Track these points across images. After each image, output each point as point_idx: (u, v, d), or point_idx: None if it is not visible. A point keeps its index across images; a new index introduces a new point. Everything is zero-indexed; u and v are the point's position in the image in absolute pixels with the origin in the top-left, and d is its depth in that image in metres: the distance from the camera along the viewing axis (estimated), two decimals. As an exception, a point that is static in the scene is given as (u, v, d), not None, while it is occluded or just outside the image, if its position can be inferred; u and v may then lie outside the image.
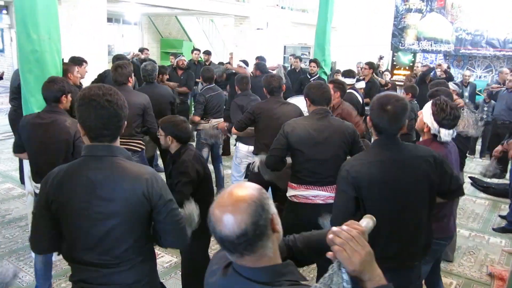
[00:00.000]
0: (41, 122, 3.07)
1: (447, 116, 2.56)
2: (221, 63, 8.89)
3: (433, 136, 2.66)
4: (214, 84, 5.51)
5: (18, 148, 3.28)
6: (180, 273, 3.35)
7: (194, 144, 4.90)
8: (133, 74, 4.29)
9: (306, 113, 4.10)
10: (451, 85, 6.87)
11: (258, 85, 5.12)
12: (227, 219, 1.16)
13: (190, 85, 7.79)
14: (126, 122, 1.80)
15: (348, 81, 5.39)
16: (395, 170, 2.12)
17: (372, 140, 2.30)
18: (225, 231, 1.16)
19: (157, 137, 3.17)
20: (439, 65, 8.34)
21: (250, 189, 1.23)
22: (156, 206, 1.74)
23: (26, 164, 3.83)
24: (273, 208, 1.23)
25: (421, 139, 2.84)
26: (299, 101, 4.21)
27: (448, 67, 9.23)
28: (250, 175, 3.93)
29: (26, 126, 3.14)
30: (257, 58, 8.52)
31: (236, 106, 4.79)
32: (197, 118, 5.31)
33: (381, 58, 11.44)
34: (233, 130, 4.20)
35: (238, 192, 1.21)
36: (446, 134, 2.59)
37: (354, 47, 13.45)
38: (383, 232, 1.98)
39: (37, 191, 3.11)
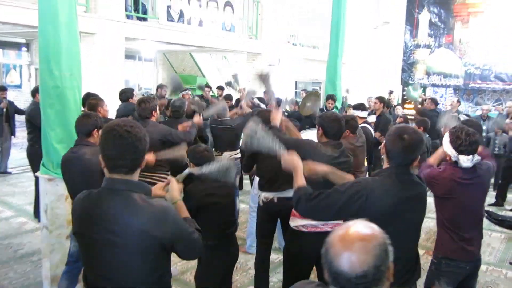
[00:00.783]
0: (69, 156, 3.20)
1: (463, 142, 2.65)
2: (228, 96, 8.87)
3: (455, 163, 2.74)
4: (228, 118, 5.50)
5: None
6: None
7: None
8: (157, 108, 4.33)
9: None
10: (461, 116, 6.94)
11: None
12: (350, 257, 1.13)
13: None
14: (145, 158, 1.84)
15: (361, 114, 5.45)
16: (404, 199, 2.16)
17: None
18: (344, 267, 1.13)
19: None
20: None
21: (376, 230, 1.21)
22: (168, 241, 1.78)
23: (43, 195, 3.91)
24: (391, 255, 1.20)
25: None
26: (312, 135, 4.24)
27: (458, 101, 9.29)
28: (258, 208, 3.94)
29: (62, 163, 3.29)
30: (265, 93, 8.55)
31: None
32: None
33: (391, 92, 11.56)
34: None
35: (364, 230, 1.19)
36: (465, 160, 2.67)
37: (364, 82, 13.62)
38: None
39: None
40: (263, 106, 6.93)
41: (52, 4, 3.58)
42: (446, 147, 2.76)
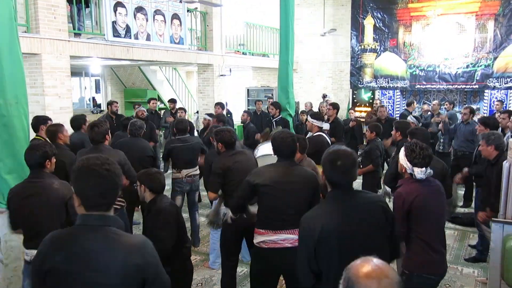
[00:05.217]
0: (28, 192, 3.02)
1: (417, 155, 2.84)
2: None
3: (411, 175, 2.90)
4: (188, 135, 5.51)
5: (15, 225, 3.20)
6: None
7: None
8: (109, 131, 4.33)
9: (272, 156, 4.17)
10: (410, 118, 7.24)
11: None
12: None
13: (154, 137, 7.76)
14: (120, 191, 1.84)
15: (317, 123, 5.51)
16: (348, 218, 2.25)
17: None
18: None
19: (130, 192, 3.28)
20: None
21: (392, 268, 1.41)
22: (148, 277, 1.74)
23: (0, 230, 3.71)
24: None
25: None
26: (267, 147, 4.25)
27: (408, 104, 9.67)
28: (223, 225, 3.91)
29: (13, 198, 3.10)
30: (217, 104, 8.57)
31: (208, 161, 4.67)
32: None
33: (324, 96, 11.96)
34: (210, 195, 3.93)
35: (386, 269, 1.38)
36: (419, 172, 2.85)
37: (315, 86, 13.93)
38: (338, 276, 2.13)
39: (26, 257, 3.08)
40: (209, 118, 6.99)
41: (-9, 30, 3.42)
42: (402, 160, 2.94)
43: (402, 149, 2.98)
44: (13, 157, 3.54)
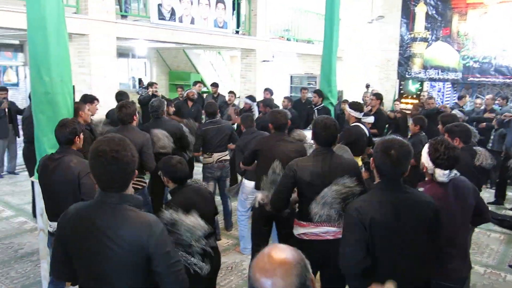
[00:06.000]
0: (49, 164, 3.18)
1: (440, 155, 2.56)
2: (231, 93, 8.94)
3: (432, 176, 2.67)
4: (218, 118, 5.55)
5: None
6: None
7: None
8: (137, 112, 4.39)
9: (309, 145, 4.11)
10: (456, 112, 6.87)
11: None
12: (276, 284, 1.15)
13: (200, 118, 7.89)
14: (136, 172, 1.88)
15: (356, 114, 5.26)
16: (397, 211, 2.18)
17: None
18: None
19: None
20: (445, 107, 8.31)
21: (289, 250, 1.24)
22: (154, 257, 1.79)
23: (39, 200, 3.90)
24: (309, 266, 1.24)
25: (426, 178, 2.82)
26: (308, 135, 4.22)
27: (460, 97, 9.24)
28: (254, 210, 3.92)
29: (39, 168, 3.29)
30: (266, 90, 8.62)
31: (239, 148, 4.80)
32: (196, 153, 5.39)
33: (368, 86, 11.49)
34: (240, 165, 4.18)
35: (280, 255, 1.22)
36: (440, 174, 2.59)
37: (360, 77, 13.57)
38: (385, 269, 2.15)
39: (50, 229, 3.25)
40: (253, 104, 6.94)
41: (40, 11, 3.54)
42: (424, 158, 2.69)
43: (426, 145, 2.74)
44: (57, 132, 3.66)
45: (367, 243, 2.18)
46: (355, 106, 5.30)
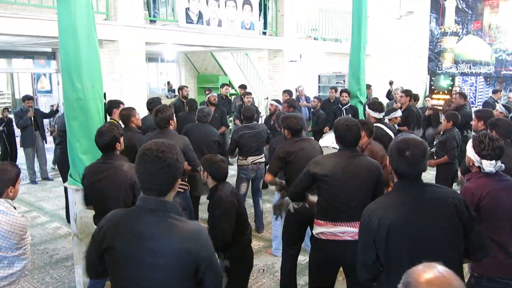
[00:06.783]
0: (100, 172, 3.24)
1: (486, 146, 2.61)
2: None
3: (479, 169, 2.68)
4: (254, 122, 5.60)
5: (88, 202, 3.47)
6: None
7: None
8: (174, 116, 4.42)
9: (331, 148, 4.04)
10: (498, 107, 6.64)
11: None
12: None
13: (226, 121, 7.92)
14: (179, 180, 1.85)
15: (375, 114, 4.96)
16: (416, 212, 2.11)
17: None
18: None
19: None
20: None
21: (457, 278, 1.30)
22: (201, 265, 1.76)
23: (72, 205, 3.98)
24: None
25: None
26: (330, 138, 4.14)
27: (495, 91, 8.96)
28: (288, 214, 3.88)
29: (87, 176, 3.33)
30: (285, 92, 8.55)
31: (272, 148, 4.78)
32: (230, 156, 5.48)
33: (391, 83, 11.12)
34: (267, 177, 3.92)
35: (450, 277, 1.28)
36: (488, 165, 2.62)
37: (389, 72, 13.32)
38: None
39: None
40: (280, 107, 6.90)
41: (71, 19, 3.63)
42: (469, 152, 2.71)
43: (470, 140, 2.75)
44: (89, 138, 3.71)
45: (376, 248, 2.14)
46: (375, 106, 5.03)
